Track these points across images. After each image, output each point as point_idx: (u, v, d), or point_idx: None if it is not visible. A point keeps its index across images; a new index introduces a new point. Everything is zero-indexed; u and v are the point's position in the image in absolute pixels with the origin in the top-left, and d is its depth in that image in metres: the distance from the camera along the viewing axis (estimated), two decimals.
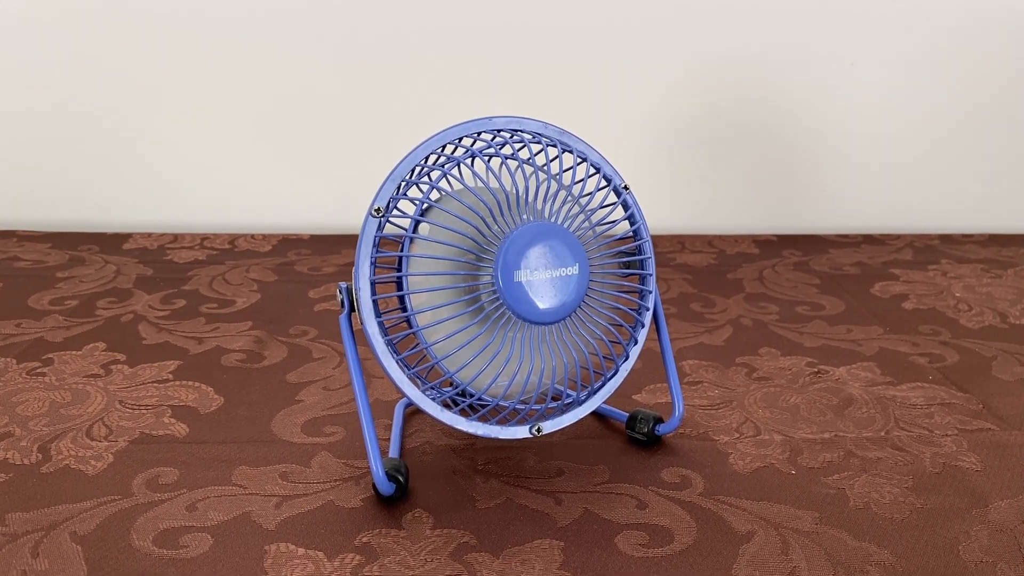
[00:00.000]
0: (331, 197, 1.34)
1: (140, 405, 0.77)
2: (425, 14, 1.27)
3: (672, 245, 1.29)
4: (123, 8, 1.25)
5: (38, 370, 0.83)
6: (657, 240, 1.29)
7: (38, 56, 1.28)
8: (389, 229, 0.63)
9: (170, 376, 0.83)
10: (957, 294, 1.10)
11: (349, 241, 1.24)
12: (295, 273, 1.15)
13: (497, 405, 0.63)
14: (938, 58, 1.34)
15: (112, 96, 1.29)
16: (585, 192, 0.64)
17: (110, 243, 1.24)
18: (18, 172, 1.33)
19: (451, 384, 0.64)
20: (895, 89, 1.35)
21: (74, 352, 0.88)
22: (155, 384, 0.81)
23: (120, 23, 1.26)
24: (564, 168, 0.64)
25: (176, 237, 1.28)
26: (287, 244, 1.26)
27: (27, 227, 1.30)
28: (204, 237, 1.28)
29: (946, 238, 1.35)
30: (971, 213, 1.42)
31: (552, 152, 0.64)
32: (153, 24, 1.26)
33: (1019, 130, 1.39)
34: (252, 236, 1.29)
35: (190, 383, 0.82)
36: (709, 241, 1.32)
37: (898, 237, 1.36)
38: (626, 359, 0.67)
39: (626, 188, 0.67)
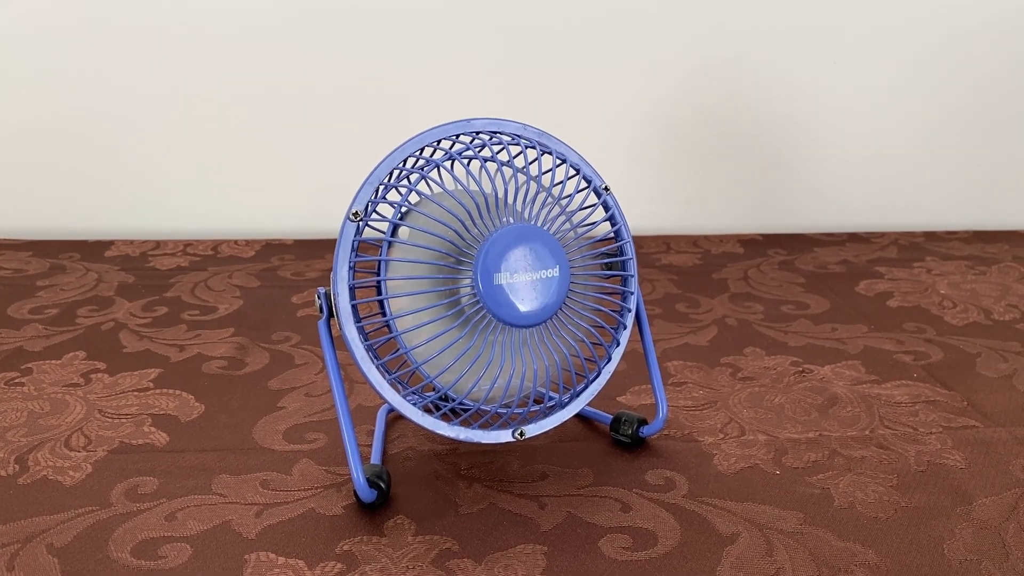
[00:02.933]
0: (314, 200, 1.33)
1: (120, 414, 0.76)
2: (407, 17, 1.27)
3: (657, 245, 1.29)
4: (103, 17, 1.24)
5: (16, 380, 0.82)
6: (642, 240, 1.29)
7: (16, 64, 1.26)
8: (368, 233, 0.63)
9: (151, 384, 0.82)
10: (942, 291, 1.10)
11: (333, 245, 1.22)
12: (278, 278, 1.14)
13: (479, 409, 0.62)
14: (922, 56, 1.34)
15: (93, 103, 1.28)
16: (565, 194, 0.64)
17: (91, 251, 1.23)
18: None
19: (432, 388, 0.63)
20: (879, 87, 1.35)
21: (53, 361, 0.87)
22: (135, 393, 0.80)
23: (100, 32, 1.25)
24: (544, 170, 0.63)
25: (158, 244, 1.27)
26: (270, 249, 1.26)
27: (7, 235, 1.29)
28: (187, 243, 1.27)
29: (931, 235, 1.36)
30: (956, 210, 1.42)
31: (531, 154, 0.64)
32: (133, 32, 1.25)
33: (1003, 127, 1.39)
34: (235, 242, 1.28)
35: (171, 391, 0.81)
36: (694, 241, 1.32)
37: (883, 235, 1.36)
38: (608, 361, 0.67)
39: (606, 189, 0.67)
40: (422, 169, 0.62)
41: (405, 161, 0.62)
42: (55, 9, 1.24)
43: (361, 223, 0.61)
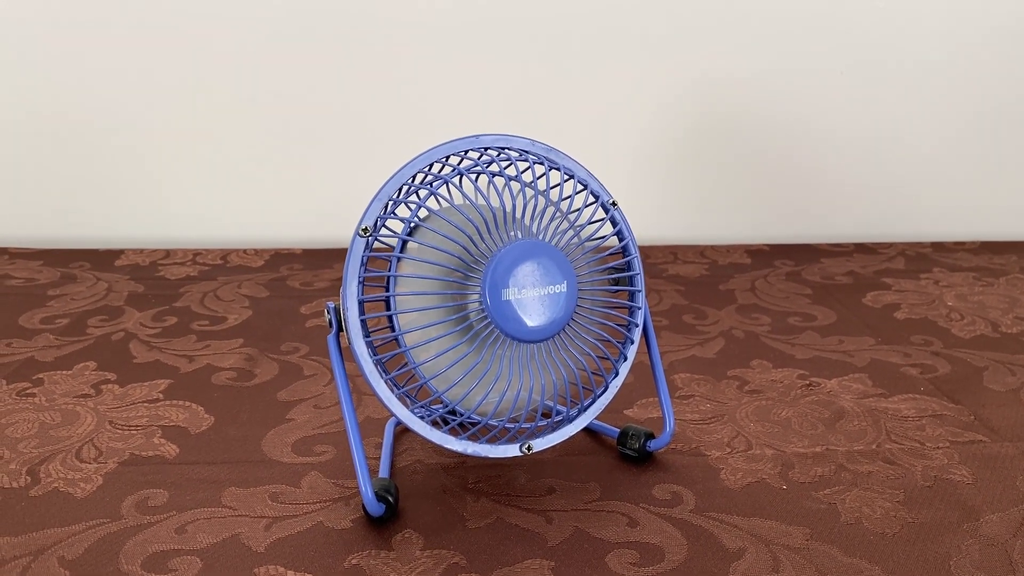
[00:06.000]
0: (323, 210, 1.34)
1: (130, 426, 0.77)
2: (417, 29, 1.27)
3: (664, 256, 1.29)
4: (112, 23, 1.25)
5: (28, 391, 0.83)
6: (649, 251, 1.29)
7: (26, 72, 1.27)
8: (377, 248, 0.63)
9: (160, 395, 0.83)
10: (949, 303, 1.10)
11: (341, 255, 1.23)
12: (287, 288, 1.14)
13: (487, 423, 0.62)
14: (929, 67, 1.34)
15: (103, 112, 1.29)
16: (573, 209, 0.64)
17: (102, 260, 1.24)
18: (9, 188, 1.32)
19: (440, 402, 0.64)
20: (885, 98, 1.35)
21: (64, 372, 0.87)
22: (145, 404, 0.81)
23: (109, 38, 1.26)
24: (552, 185, 0.64)
25: (168, 253, 1.28)
26: (279, 259, 1.26)
27: (18, 244, 1.30)
28: (196, 252, 1.28)
29: (938, 246, 1.36)
30: (963, 220, 1.42)
31: (539, 169, 0.64)
32: (142, 39, 1.26)
33: (1011, 137, 1.39)
34: (244, 251, 1.29)
35: (181, 402, 0.81)
36: (701, 251, 1.32)
37: (890, 245, 1.36)
38: (616, 375, 0.67)
39: (614, 204, 0.67)
40: (431, 185, 0.62)
41: (414, 177, 0.63)
42: (65, 16, 1.25)
43: (371, 238, 0.61)
